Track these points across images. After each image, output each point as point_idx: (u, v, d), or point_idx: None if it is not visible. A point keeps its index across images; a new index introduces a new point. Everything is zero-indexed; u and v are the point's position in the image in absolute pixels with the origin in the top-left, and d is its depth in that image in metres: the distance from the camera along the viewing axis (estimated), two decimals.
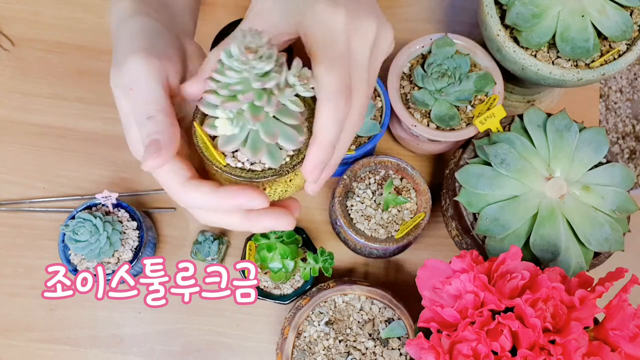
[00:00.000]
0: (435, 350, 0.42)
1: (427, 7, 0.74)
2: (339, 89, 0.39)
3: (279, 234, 0.59)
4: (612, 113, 1.54)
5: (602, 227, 0.53)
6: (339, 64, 0.40)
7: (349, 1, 0.42)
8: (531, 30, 0.56)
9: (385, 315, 0.57)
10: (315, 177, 0.40)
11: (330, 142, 0.39)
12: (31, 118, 0.70)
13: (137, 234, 0.62)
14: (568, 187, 0.54)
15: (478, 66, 0.63)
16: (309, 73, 0.36)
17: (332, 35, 0.41)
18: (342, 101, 0.39)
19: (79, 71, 0.71)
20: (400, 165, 0.60)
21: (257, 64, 0.33)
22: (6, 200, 0.68)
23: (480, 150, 0.56)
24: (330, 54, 0.40)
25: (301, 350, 0.56)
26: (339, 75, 0.39)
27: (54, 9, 0.73)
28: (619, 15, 0.56)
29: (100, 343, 0.64)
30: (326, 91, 0.39)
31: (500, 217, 0.53)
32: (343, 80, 0.40)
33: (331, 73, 0.39)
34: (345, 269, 0.67)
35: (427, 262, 0.46)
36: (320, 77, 0.39)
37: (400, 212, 0.60)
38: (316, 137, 0.39)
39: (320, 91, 0.39)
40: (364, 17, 0.42)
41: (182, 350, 0.64)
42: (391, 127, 0.68)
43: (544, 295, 0.41)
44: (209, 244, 0.64)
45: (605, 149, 0.55)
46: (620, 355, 0.40)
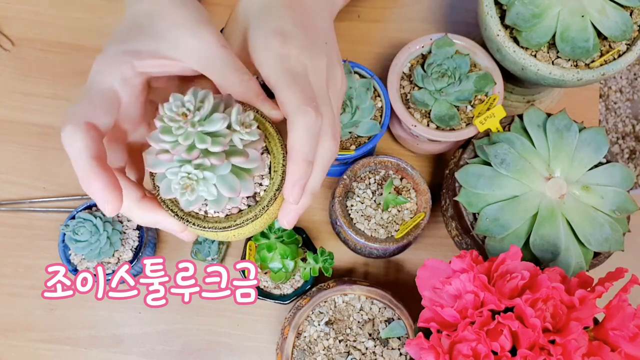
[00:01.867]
0: (435, 350, 0.42)
1: (427, 7, 0.74)
2: (304, 101, 0.39)
3: (279, 234, 0.59)
4: (612, 113, 1.54)
5: (602, 227, 0.53)
6: (300, 81, 0.40)
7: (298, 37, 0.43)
8: (531, 30, 0.56)
9: (385, 315, 0.57)
10: (296, 197, 0.40)
11: (305, 156, 0.39)
12: (31, 118, 0.70)
13: (137, 234, 0.62)
14: (568, 187, 0.54)
15: (478, 66, 0.63)
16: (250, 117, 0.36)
17: (289, 65, 0.41)
18: (311, 112, 0.39)
19: (79, 71, 0.71)
20: (400, 165, 0.60)
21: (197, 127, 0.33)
22: (6, 200, 0.68)
23: (480, 150, 0.56)
24: (289, 75, 0.40)
25: (301, 350, 0.56)
26: (302, 92, 0.40)
27: (54, 9, 0.73)
28: (619, 15, 0.56)
29: (100, 343, 0.64)
30: (292, 106, 0.39)
31: (500, 217, 0.53)
32: (307, 93, 0.40)
33: (294, 90, 0.39)
34: (345, 269, 0.67)
35: (427, 262, 0.46)
36: (285, 96, 0.39)
37: (400, 212, 0.60)
38: (290, 153, 0.39)
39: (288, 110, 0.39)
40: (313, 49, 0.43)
41: (182, 350, 0.64)
42: (391, 127, 0.68)
43: (544, 295, 0.41)
44: (209, 243, 0.64)
45: (605, 149, 0.55)
46: (620, 355, 0.40)
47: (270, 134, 0.40)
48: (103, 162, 0.36)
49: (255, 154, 0.37)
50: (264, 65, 0.41)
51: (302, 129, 0.39)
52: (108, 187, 0.35)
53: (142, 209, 0.39)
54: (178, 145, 0.34)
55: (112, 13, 0.73)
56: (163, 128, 0.34)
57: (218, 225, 0.38)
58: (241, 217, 0.39)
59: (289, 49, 0.41)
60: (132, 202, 0.39)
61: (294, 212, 0.42)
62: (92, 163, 0.35)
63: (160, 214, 0.39)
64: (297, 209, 0.42)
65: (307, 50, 0.42)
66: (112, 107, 0.38)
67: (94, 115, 0.36)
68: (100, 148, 0.36)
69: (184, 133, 0.33)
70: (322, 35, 0.46)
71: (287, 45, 0.41)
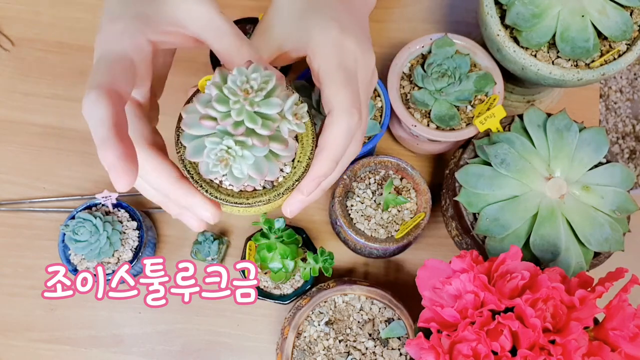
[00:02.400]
0: (435, 350, 0.42)
1: (427, 7, 0.74)
2: (353, 105, 0.40)
3: (279, 234, 0.59)
4: (612, 113, 1.54)
5: (602, 227, 0.53)
6: (352, 83, 0.41)
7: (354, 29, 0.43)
8: (531, 30, 0.56)
9: (385, 315, 0.57)
10: (311, 189, 0.40)
11: (337, 156, 0.40)
12: (31, 118, 0.70)
13: (137, 234, 0.62)
14: (568, 187, 0.54)
15: (478, 66, 0.63)
16: (304, 110, 0.36)
17: (344, 58, 0.41)
18: (355, 117, 0.40)
19: (79, 71, 0.71)
20: (400, 165, 0.60)
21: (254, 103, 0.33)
22: (6, 200, 0.68)
23: (480, 150, 0.56)
24: (343, 74, 0.41)
25: (301, 350, 0.56)
26: (352, 93, 0.40)
27: (54, 9, 0.73)
28: (619, 15, 0.56)
29: (100, 343, 0.64)
30: (341, 106, 0.39)
31: (500, 217, 0.53)
32: (356, 98, 0.40)
33: (346, 90, 0.40)
34: (345, 269, 0.67)
35: (427, 262, 0.46)
36: (334, 94, 0.40)
37: (400, 212, 0.60)
38: (322, 150, 0.39)
39: (334, 107, 0.40)
40: (367, 47, 0.44)
41: (182, 350, 0.64)
42: (391, 127, 0.68)
43: (544, 295, 0.41)
44: (209, 244, 0.64)
45: (605, 149, 0.55)
46: (620, 355, 0.40)
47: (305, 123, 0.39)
48: (122, 133, 0.34)
49: (293, 144, 0.37)
50: (321, 56, 0.41)
51: (343, 130, 0.39)
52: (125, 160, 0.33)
53: (179, 189, 0.38)
54: (228, 117, 0.33)
55: None
56: (219, 97, 0.33)
57: (229, 200, 0.38)
58: (254, 198, 0.38)
59: (347, 39, 0.41)
60: (170, 182, 0.38)
61: (300, 203, 0.42)
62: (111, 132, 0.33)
63: (196, 197, 0.38)
64: (304, 201, 0.42)
65: (361, 45, 0.43)
66: (130, 74, 0.36)
67: (115, 83, 0.35)
68: (122, 117, 0.34)
69: (239, 108, 0.33)
70: (368, 33, 0.47)
71: (345, 34, 0.42)
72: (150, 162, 0.38)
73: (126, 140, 0.34)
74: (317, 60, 0.42)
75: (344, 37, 0.42)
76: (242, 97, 0.33)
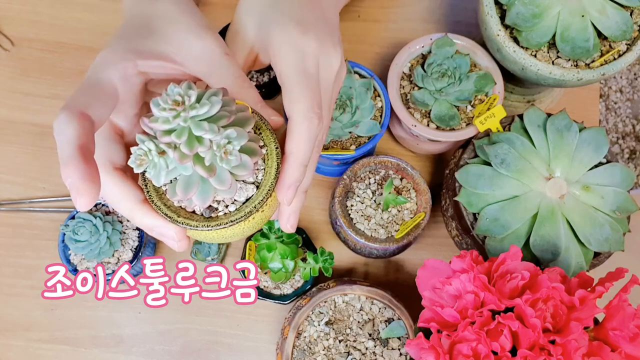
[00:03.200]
0: (435, 350, 0.42)
1: (427, 7, 0.74)
2: (312, 107, 0.40)
3: (279, 234, 0.59)
4: (612, 113, 1.54)
5: (602, 227, 0.53)
6: (312, 84, 0.41)
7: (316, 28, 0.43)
8: (531, 30, 0.56)
9: (385, 315, 0.57)
10: (290, 198, 0.40)
11: (304, 160, 0.40)
12: (31, 118, 0.70)
13: (137, 234, 0.62)
14: (568, 187, 0.54)
15: (478, 66, 0.63)
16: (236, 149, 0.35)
17: (303, 58, 0.42)
18: (315, 120, 0.40)
19: (79, 71, 0.71)
20: (400, 165, 0.60)
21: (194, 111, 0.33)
22: (6, 200, 0.68)
23: (480, 150, 0.56)
24: (302, 75, 0.41)
25: (301, 350, 0.56)
26: (311, 98, 0.40)
27: (54, 9, 0.73)
28: (619, 15, 0.56)
29: (100, 343, 0.64)
30: (300, 110, 0.40)
31: (500, 217, 0.53)
32: (316, 102, 0.41)
33: (305, 96, 0.40)
34: (345, 269, 0.67)
35: (427, 262, 0.46)
36: (295, 100, 0.40)
37: (400, 212, 0.60)
38: (290, 155, 0.39)
39: (294, 113, 0.40)
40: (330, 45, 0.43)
41: (182, 350, 0.64)
42: (391, 127, 0.68)
43: (544, 295, 0.41)
44: (209, 244, 0.64)
45: (605, 149, 0.55)
46: (620, 355, 0.40)
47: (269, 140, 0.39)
48: (87, 155, 0.35)
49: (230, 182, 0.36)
50: (280, 59, 0.41)
51: (305, 135, 0.39)
52: (85, 180, 0.33)
53: (142, 212, 0.39)
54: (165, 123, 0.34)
55: (112, 13, 0.73)
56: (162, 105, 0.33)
57: (188, 223, 0.37)
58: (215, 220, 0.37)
59: (307, 41, 0.41)
60: (134, 203, 0.39)
61: (294, 214, 0.43)
62: (76, 152, 0.34)
63: (159, 219, 0.39)
64: (295, 211, 0.42)
65: (323, 44, 0.43)
66: (109, 100, 0.37)
67: (89, 106, 0.36)
68: (88, 140, 0.35)
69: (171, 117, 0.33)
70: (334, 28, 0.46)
71: (307, 36, 0.42)
72: (114, 186, 0.39)
73: (90, 162, 0.34)
74: (277, 65, 0.42)
75: (303, 39, 0.41)
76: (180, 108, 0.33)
